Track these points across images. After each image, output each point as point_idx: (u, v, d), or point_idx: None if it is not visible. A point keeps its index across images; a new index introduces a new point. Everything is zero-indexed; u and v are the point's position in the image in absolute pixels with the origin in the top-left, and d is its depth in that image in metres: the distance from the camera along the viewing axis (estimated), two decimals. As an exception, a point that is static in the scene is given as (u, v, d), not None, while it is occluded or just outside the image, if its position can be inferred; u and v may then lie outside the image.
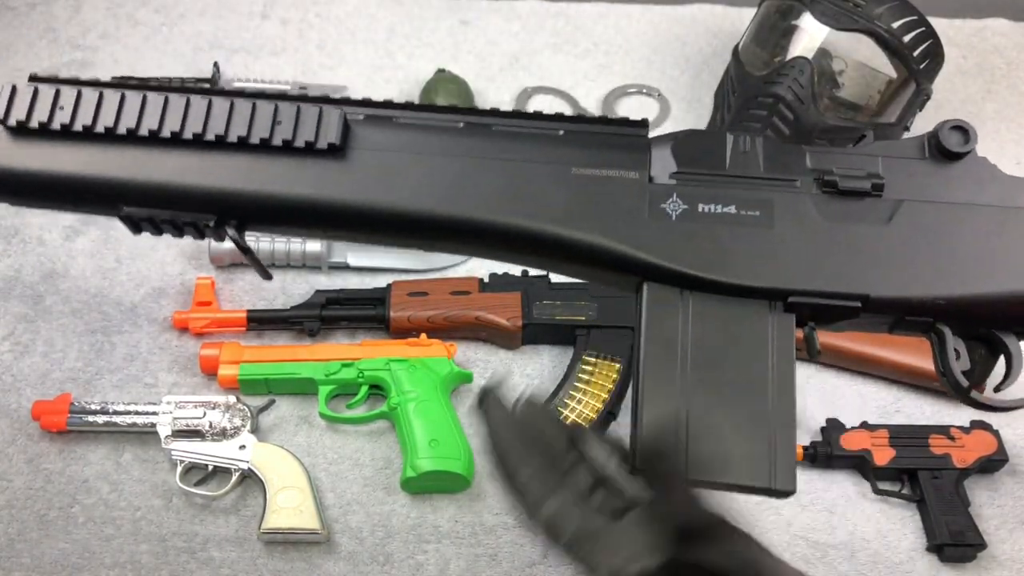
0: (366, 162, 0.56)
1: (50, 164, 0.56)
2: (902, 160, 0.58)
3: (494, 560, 0.87)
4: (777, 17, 1.12)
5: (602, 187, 0.56)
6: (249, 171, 0.56)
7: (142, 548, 0.87)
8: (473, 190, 0.56)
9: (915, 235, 0.56)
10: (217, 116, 0.56)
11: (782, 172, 0.57)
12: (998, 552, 0.89)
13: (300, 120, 0.56)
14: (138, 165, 0.56)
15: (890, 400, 0.99)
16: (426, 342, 0.97)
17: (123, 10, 1.35)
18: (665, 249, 0.55)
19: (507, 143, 0.58)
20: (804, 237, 0.56)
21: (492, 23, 1.37)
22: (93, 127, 0.56)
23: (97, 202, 0.58)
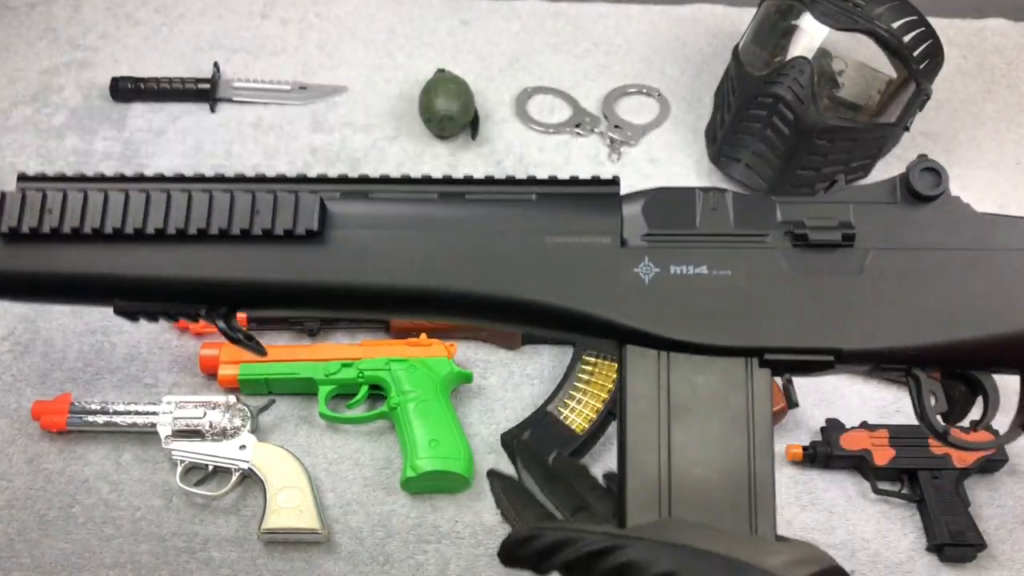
0: (343, 244, 0.58)
1: (43, 266, 0.59)
2: (873, 206, 0.58)
3: (494, 560, 0.87)
4: (777, 17, 1.12)
5: (575, 255, 0.57)
6: (232, 261, 0.58)
7: (142, 548, 0.87)
8: (450, 264, 0.57)
9: (886, 285, 0.56)
10: (198, 209, 0.58)
11: (753, 227, 0.57)
12: (998, 552, 0.89)
13: (277, 208, 0.57)
14: (126, 262, 0.58)
15: (890, 400, 0.99)
16: (426, 342, 0.97)
17: (123, 10, 1.35)
18: (639, 314, 0.56)
19: (481, 212, 0.59)
20: (776, 294, 0.56)
21: (492, 23, 1.37)
22: (81, 228, 0.58)
23: (90, 298, 0.61)
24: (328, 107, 1.24)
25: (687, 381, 0.55)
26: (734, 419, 0.55)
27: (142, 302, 0.59)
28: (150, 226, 0.57)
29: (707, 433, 0.55)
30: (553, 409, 0.94)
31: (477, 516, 0.90)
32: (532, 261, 0.57)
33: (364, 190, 0.60)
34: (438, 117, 1.17)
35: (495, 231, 0.58)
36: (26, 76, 1.26)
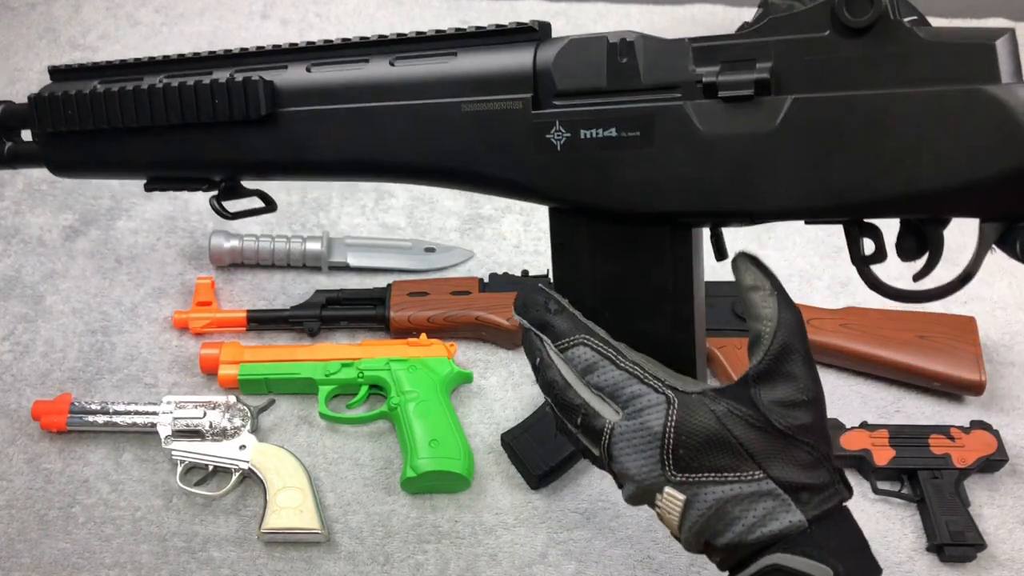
0: (293, 123, 0.64)
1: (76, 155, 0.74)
2: (799, 40, 0.50)
3: (494, 560, 0.87)
4: (777, 17, 1.12)
5: (491, 121, 0.57)
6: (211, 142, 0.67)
7: (142, 548, 0.87)
8: (381, 137, 0.61)
9: (807, 136, 0.50)
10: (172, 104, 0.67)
11: (663, 78, 0.53)
12: (998, 552, 0.89)
13: (232, 97, 0.65)
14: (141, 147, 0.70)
15: (890, 400, 0.99)
16: (426, 342, 0.97)
17: (123, 10, 1.35)
18: (553, 181, 0.56)
19: (406, 75, 0.61)
20: (686, 155, 0.52)
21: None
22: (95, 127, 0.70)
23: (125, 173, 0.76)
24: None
25: (610, 244, 0.56)
26: (658, 275, 0.56)
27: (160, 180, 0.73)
28: (141, 121, 0.68)
29: (634, 291, 0.57)
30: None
31: (477, 516, 0.90)
32: (452, 130, 0.58)
33: (305, 59, 0.65)
34: (438, 117, 1.17)
35: (418, 100, 0.60)
36: (26, 76, 1.26)
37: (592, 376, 0.54)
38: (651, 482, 0.53)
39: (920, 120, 0.47)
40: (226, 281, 1.06)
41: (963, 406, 0.99)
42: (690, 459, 0.52)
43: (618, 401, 0.54)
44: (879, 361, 0.98)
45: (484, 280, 1.03)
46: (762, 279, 0.54)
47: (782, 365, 0.52)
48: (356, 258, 1.07)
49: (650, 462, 0.52)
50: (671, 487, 0.52)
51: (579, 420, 0.55)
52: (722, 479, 0.51)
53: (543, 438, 0.92)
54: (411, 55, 0.61)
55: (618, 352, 0.55)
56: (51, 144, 0.74)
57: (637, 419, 0.53)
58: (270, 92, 0.63)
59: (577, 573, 0.87)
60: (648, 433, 0.52)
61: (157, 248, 1.09)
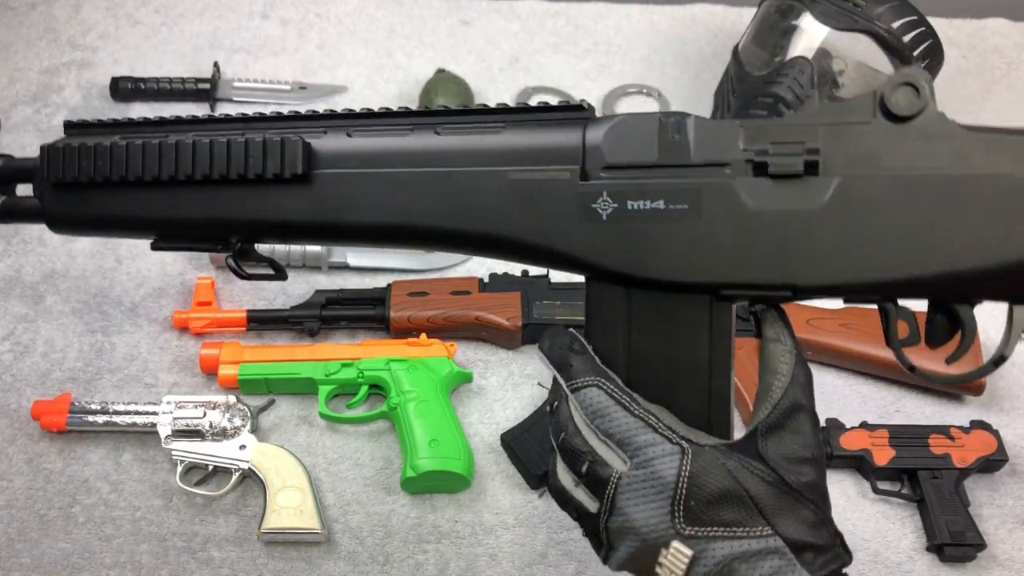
0: (328, 184, 0.61)
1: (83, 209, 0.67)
2: (847, 126, 0.53)
3: (494, 560, 0.87)
4: (777, 17, 1.12)
5: (537, 190, 0.58)
6: (235, 201, 0.63)
7: (142, 548, 0.87)
8: (424, 201, 0.59)
9: (850, 216, 0.52)
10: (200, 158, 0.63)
11: (713, 156, 0.55)
12: (998, 552, 0.89)
13: (267, 154, 0.62)
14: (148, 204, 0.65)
15: (890, 400, 0.99)
16: (426, 342, 0.97)
17: (123, 10, 1.35)
18: (597, 249, 0.56)
19: (453, 144, 0.60)
20: (733, 228, 0.54)
21: (492, 23, 1.37)
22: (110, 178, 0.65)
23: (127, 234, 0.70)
24: (328, 107, 1.24)
25: (649, 314, 0.56)
26: (694, 346, 0.56)
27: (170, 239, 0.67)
28: (164, 174, 0.64)
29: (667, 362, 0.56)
30: (553, 409, 0.94)
31: (477, 516, 0.90)
32: (497, 198, 0.58)
33: (345, 125, 0.63)
34: (438, 117, 1.17)
35: (462, 167, 0.59)
36: (26, 76, 1.26)
37: (602, 421, 0.53)
38: (658, 535, 0.51)
39: (957, 203, 0.51)
40: (226, 281, 1.06)
41: (963, 406, 0.99)
42: (701, 512, 0.50)
43: (628, 449, 0.52)
44: (879, 361, 0.98)
45: (484, 280, 1.03)
46: (784, 335, 0.55)
47: (790, 420, 0.52)
48: (356, 258, 1.07)
49: (659, 513, 0.51)
50: (679, 541, 0.51)
51: (584, 468, 0.53)
52: (731, 534, 0.50)
53: (543, 438, 0.92)
54: (457, 126, 0.61)
55: (632, 399, 0.54)
56: (55, 198, 0.68)
57: (648, 468, 0.51)
58: (307, 152, 0.61)
59: (577, 573, 0.87)
60: (660, 483, 0.51)
61: (157, 248, 1.09)
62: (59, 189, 0.67)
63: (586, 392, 0.54)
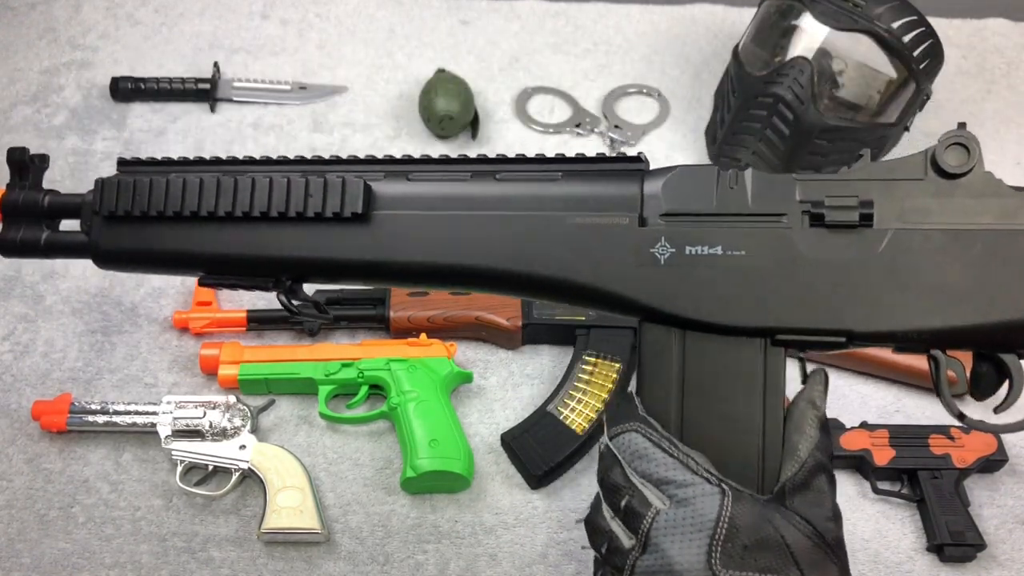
0: (386, 224, 0.62)
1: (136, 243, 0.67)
2: (899, 181, 0.56)
3: (494, 560, 0.87)
4: (777, 17, 1.12)
5: (596, 235, 0.59)
6: (292, 239, 0.64)
7: (142, 548, 0.87)
8: (481, 243, 0.61)
9: (905, 266, 0.55)
10: (259, 195, 0.64)
11: (770, 207, 0.57)
12: (998, 552, 0.89)
13: (327, 193, 0.63)
14: (202, 240, 0.65)
15: (890, 400, 0.99)
16: (426, 342, 0.97)
17: (123, 10, 1.35)
18: (654, 293, 0.57)
19: (510, 191, 0.62)
20: (789, 275, 0.56)
21: (492, 23, 1.37)
22: (164, 212, 0.65)
23: (178, 270, 0.69)
24: (328, 107, 1.24)
25: (702, 360, 0.57)
26: (747, 395, 0.56)
27: (219, 275, 0.67)
28: (221, 209, 0.64)
29: (720, 408, 0.56)
30: (553, 409, 0.94)
31: (477, 516, 0.90)
32: (556, 241, 0.60)
33: (404, 171, 0.64)
34: (438, 117, 1.17)
35: (523, 211, 0.61)
36: (26, 76, 1.26)
37: (640, 463, 0.53)
38: (694, 574, 0.50)
39: (1004, 257, 0.54)
40: (226, 281, 1.06)
41: (963, 407, 0.98)
42: (738, 555, 0.50)
43: (667, 489, 0.52)
44: (879, 361, 0.98)
45: (484, 280, 1.03)
46: (822, 401, 0.56)
47: (815, 479, 0.53)
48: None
49: (697, 553, 0.50)
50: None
51: (623, 503, 0.53)
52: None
53: (543, 438, 0.92)
54: (516, 172, 0.62)
55: (672, 443, 0.54)
56: (105, 231, 0.67)
57: (689, 507, 0.51)
58: (367, 192, 0.62)
59: (577, 573, 0.87)
60: (700, 521, 0.51)
61: (157, 248, 1.09)
62: (111, 223, 0.67)
63: (626, 436, 0.54)
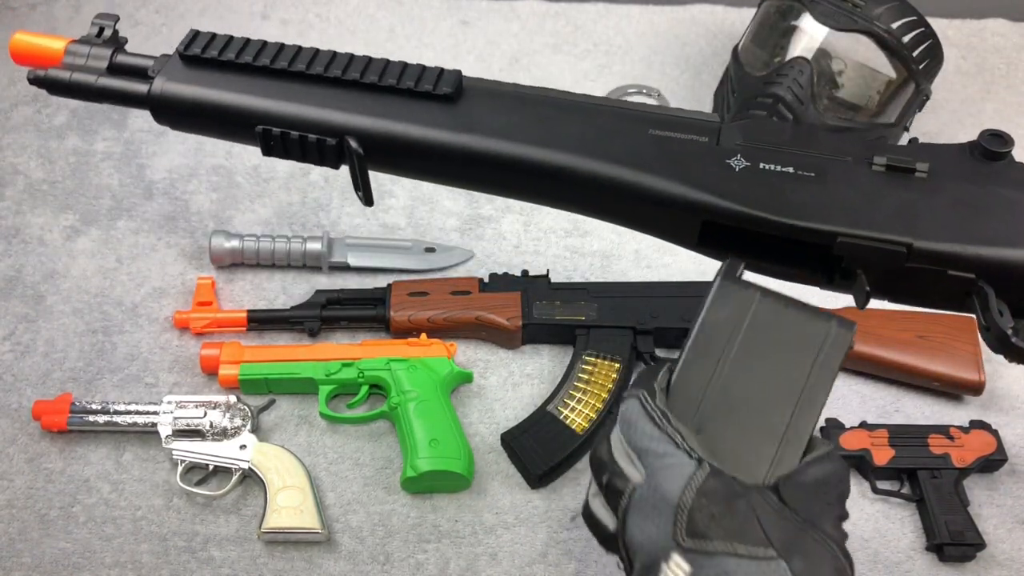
0: (475, 111, 0.66)
1: (211, 89, 0.68)
2: (946, 156, 0.63)
3: (494, 560, 0.87)
4: (777, 17, 1.12)
5: (675, 144, 0.63)
6: (375, 106, 0.66)
7: (143, 548, 0.87)
8: (566, 137, 0.64)
9: (958, 204, 0.60)
10: (356, 64, 0.66)
11: (837, 151, 0.63)
12: (997, 552, 0.89)
13: (424, 74, 0.66)
14: (285, 94, 0.67)
15: (890, 400, 0.99)
16: (426, 342, 0.98)
17: (123, 10, 1.35)
18: (726, 191, 0.61)
19: (597, 110, 0.66)
20: (854, 192, 0.60)
21: (492, 23, 1.37)
22: (254, 62, 0.67)
23: (243, 123, 0.68)
24: (328, 107, 1.24)
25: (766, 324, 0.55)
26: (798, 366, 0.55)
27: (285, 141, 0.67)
28: (313, 69, 0.66)
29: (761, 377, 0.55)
30: (553, 409, 0.94)
31: (477, 516, 0.90)
32: (637, 142, 0.63)
33: (498, 85, 0.69)
34: (438, 117, 1.17)
35: (607, 115, 0.65)
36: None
37: (630, 431, 0.52)
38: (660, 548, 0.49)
39: None
40: (226, 281, 1.06)
41: (963, 406, 0.99)
42: (704, 524, 0.48)
43: (646, 460, 0.51)
44: (879, 361, 0.98)
45: (484, 280, 1.03)
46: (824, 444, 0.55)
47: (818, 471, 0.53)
48: (356, 258, 1.07)
49: (664, 524, 0.49)
50: (679, 554, 0.48)
51: (605, 479, 0.53)
52: (733, 551, 0.47)
53: (543, 438, 0.92)
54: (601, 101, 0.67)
55: (664, 415, 0.52)
56: (176, 73, 0.69)
57: (659, 478, 0.50)
58: (459, 79, 0.67)
59: (577, 573, 0.87)
60: (667, 492, 0.49)
61: (158, 248, 1.09)
62: (189, 63, 0.69)
63: (628, 402, 0.54)
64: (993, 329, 0.59)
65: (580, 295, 1.01)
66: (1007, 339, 0.58)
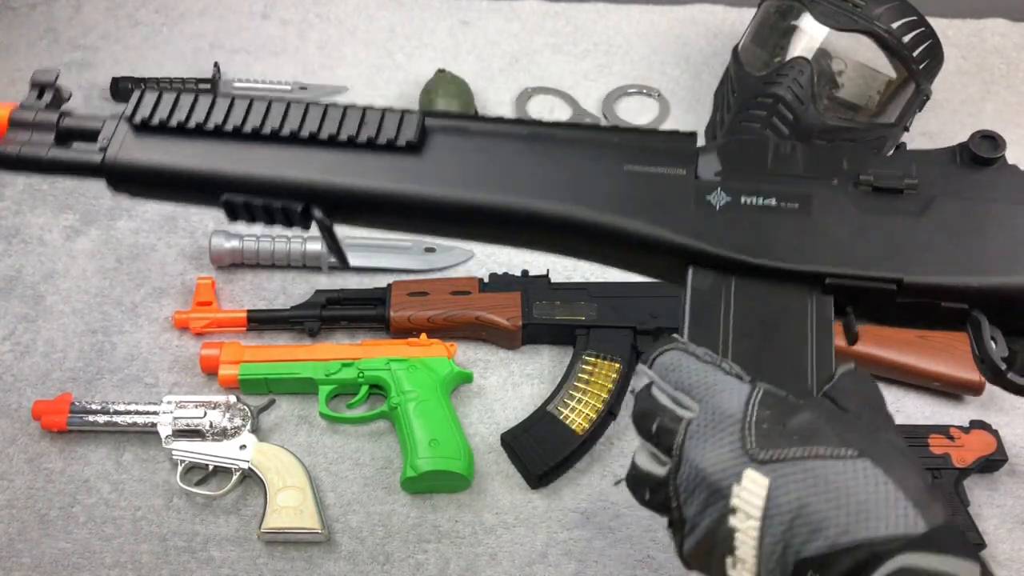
0: (440, 159, 0.62)
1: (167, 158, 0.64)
2: (934, 166, 0.60)
3: (494, 560, 0.87)
4: (777, 17, 1.12)
5: (651, 181, 0.60)
6: (336, 165, 0.62)
7: (142, 548, 0.87)
8: (536, 182, 0.61)
9: (948, 227, 0.58)
10: (312, 118, 0.63)
11: (820, 172, 0.60)
12: (997, 552, 0.89)
13: (384, 122, 0.62)
14: (241, 158, 0.63)
15: (890, 400, 0.97)
16: (426, 342, 0.98)
17: (123, 10, 1.35)
18: (708, 234, 0.58)
19: (567, 146, 0.63)
20: (840, 226, 0.58)
21: (492, 23, 1.37)
22: (205, 125, 0.63)
23: (204, 191, 0.65)
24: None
25: (750, 307, 0.56)
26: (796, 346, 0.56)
27: (249, 195, 0.63)
28: (267, 127, 0.63)
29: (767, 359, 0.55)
30: (553, 409, 0.94)
31: (477, 516, 0.90)
32: (611, 184, 0.60)
33: (463, 126, 0.64)
34: (438, 117, 1.16)
35: (579, 158, 0.62)
36: (26, 76, 1.25)
37: (673, 374, 0.50)
38: (728, 470, 0.45)
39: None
40: (226, 281, 1.06)
41: (963, 406, 0.99)
42: (776, 435, 0.45)
43: (696, 394, 0.49)
44: (879, 361, 0.98)
45: (484, 280, 1.03)
46: None
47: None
48: (356, 258, 1.07)
49: (730, 444, 0.46)
50: (753, 468, 0.44)
51: (655, 426, 0.49)
52: (813, 454, 0.44)
53: (543, 438, 0.92)
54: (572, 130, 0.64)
55: (707, 352, 0.51)
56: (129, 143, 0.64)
57: (716, 402, 0.48)
58: (422, 124, 0.62)
59: (577, 573, 0.87)
60: (728, 412, 0.47)
61: (157, 248, 1.09)
62: (140, 132, 0.64)
63: (661, 356, 0.52)
64: (987, 361, 0.58)
65: (580, 295, 1.01)
66: (1001, 373, 0.58)
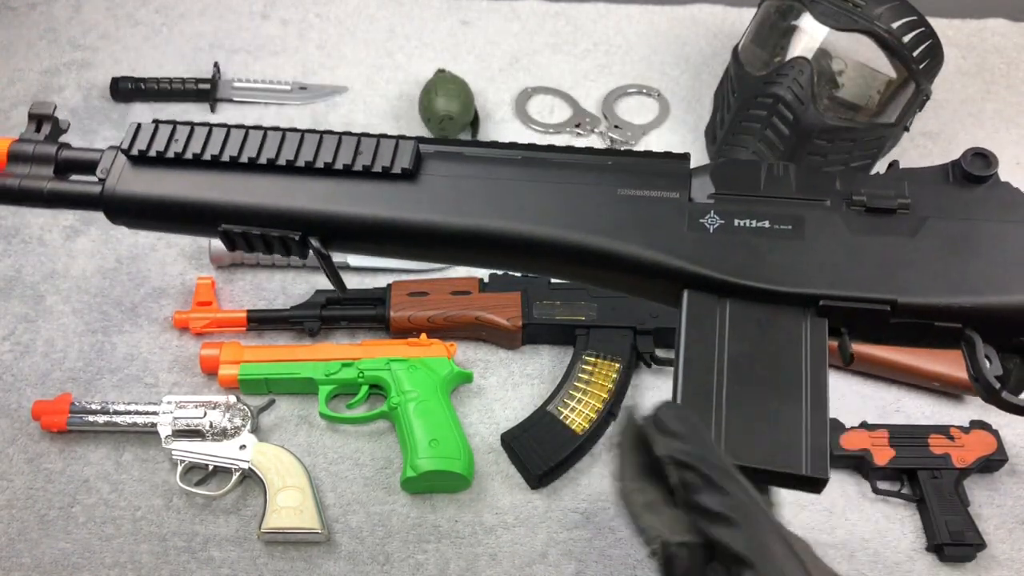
0: (435, 186, 0.63)
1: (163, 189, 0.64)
2: (927, 184, 0.61)
3: (494, 560, 0.87)
4: (777, 17, 1.12)
5: (645, 205, 0.61)
6: (332, 193, 0.63)
7: (142, 548, 0.87)
8: (531, 208, 0.62)
9: (941, 247, 0.58)
10: (307, 147, 0.63)
11: (812, 193, 0.60)
12: (997, 552, 0.89)
13: (379, 150, 0.63)
14: (238, 188, 0.63)
15: (890, 400, 0.99)
16: (426, 342, 0.98)
17: (123, 10, 1.35)
18: (702, 258, 0.59)
19: (561, 171, 0.63)
20: (834, 248, 0.58)
21: (492, 23, 1.37)
22: (201, 155, 0.64)
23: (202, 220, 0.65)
24: (328, 107, 1.24)
25: (745, 327, 0.57)
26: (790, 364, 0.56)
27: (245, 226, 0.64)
28: (263, 157, 0.63)
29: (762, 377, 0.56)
30: (553, 409, 0.94)
31: (477, 516, 0.90)
32: (605, 208, 0.61)
33: (457, 151, 0.65)
34: (438, 117, 1.17)
35: (573, 183, 0.62)
36: (26, 76, 1.26)
37: None
38: None
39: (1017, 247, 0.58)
40: (226, 281, 1.06)
41: (963, 406, 0.99)
42: None
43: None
44: (879, 361, 0.98)
45: (484, 280, 1.03)
46: None
47: None
48: (356, 258, 1.07)
49: None
50: None
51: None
52: None
53: (543, 438, 0.92)
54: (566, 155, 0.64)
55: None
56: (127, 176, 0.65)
57: None
58: (417, 151, 0.63)
59: (577, 573, 0.87)
60: None
61: (157, 248, 1.09)
62: (137, 165, 0.64)
63: None
64: (981, 380, 0.58)
65: (580, 295, 1.01)
66: (995, 392, 0.58)
